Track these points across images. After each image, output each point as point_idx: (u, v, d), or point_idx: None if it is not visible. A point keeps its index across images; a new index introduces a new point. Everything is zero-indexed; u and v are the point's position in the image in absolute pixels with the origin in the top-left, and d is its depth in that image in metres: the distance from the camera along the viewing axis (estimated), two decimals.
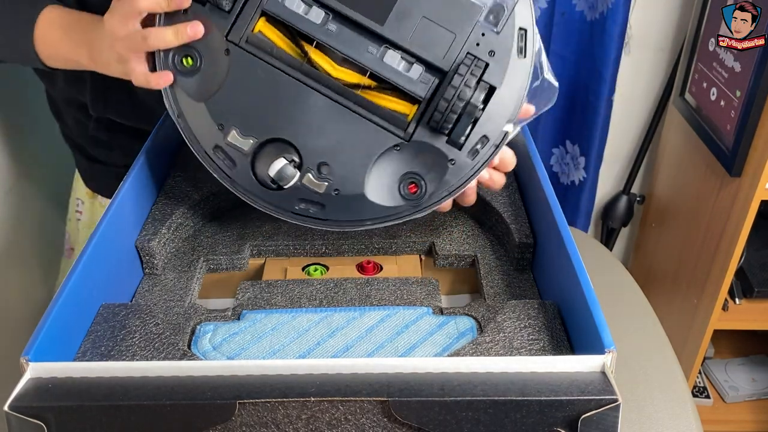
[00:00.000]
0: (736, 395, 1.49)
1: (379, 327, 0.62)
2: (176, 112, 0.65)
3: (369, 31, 0.61)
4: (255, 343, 0.60)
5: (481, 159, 0.63)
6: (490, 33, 0.60)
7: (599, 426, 0.46)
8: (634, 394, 0.74)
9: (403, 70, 0.61)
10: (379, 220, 0.65)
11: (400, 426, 0.47)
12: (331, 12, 0.61)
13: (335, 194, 0.63)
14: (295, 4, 0.62)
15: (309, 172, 0.63)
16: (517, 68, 0.61)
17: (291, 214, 0.65)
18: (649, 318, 0.89)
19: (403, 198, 0.64)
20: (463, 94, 0.58)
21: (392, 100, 0.63)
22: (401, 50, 0.61)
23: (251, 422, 0.47)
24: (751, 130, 1.07)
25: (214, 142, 0.64)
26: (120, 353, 0.56)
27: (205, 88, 0.63)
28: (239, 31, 0.62)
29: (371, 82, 0.63)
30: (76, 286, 0.55)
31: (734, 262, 1.17)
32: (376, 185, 0.64)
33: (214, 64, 0.63)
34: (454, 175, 0.63)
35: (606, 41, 1.26)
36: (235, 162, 0.64)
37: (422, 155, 0.63)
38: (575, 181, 1.48)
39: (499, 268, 0.71)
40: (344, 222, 0.65)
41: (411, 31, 0.60)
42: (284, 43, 0.63)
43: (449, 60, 0.60)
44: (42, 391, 0.46)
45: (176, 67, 0.64)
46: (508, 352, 0.56)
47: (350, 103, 0.62)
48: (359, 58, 0.61)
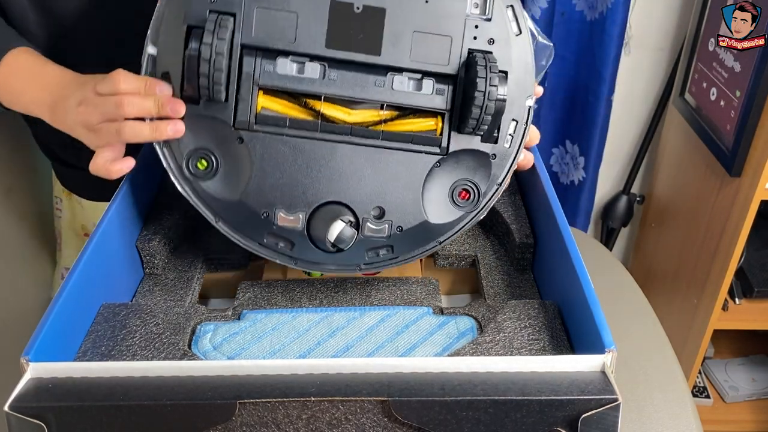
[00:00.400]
0: (736, 395, 1.49)
1: (379, 327, 0.62)
2: (215, 218, 0.62)
3: (369, 65, 0.60)
4: (255, 342, 0.60)
5: (517, 141, 0.63)
6: (482, 22, 0.60)
7: (599, 425, 0.46)
8: (634, 394, 0.74)
9: (415, 90, 0.61)
10: (447, 237, 0.64)
11: (400, 426, 0.47)
12: (326, 61, 0.60)
13: (400, 232, 0.62)
14: (287, 68, 0.60)
15: (367, 222, 0.62)
16: (518, 46, 0.61)
17: (362, 266, 0.64)
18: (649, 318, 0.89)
19: (460, 207, 0.63)
20: (491, 94, 0.57)
21: (416, 121, 0.62)
22: (406, 71, 0.60)
23: (251, 422, 0.47)
24: (751, 130, 1.07)
25: (264, 231, 0.61)
26: (120, 353, 0.56)
27: (233, 183, 0.61)
28: (245, 116, 0.60)
29: (390, 113, 0.62)
30: (76, 286, 0.55)
31: (734, 262, 1.17)
32: (433, 207, 0.63)
33: (233, 157, 0.61)
34: (498, 167, 0.63)
35: (606, 41, 1.26)
36: (293, 241, 0.62)
37: (464, 161, 0.63)
38: (575, 181, 1.47)
39: (499, 268, 0.71)
40: (417, 254, 0.64)
41: (408, 50, 0.60)
42: (293, 108, 0.61)
43: (454, 63, 0.60)
44: (42, 391, 0.46)
45: (193, 173, 0.61)
46: (508, 352, 0.56)
47: (378, 141, 0.61)
48: (369, 96, 0.60)
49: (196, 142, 0.61)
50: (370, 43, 0.59)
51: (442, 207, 0.63)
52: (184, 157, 0.61)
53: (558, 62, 1.36)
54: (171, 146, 0.61)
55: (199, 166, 0.61)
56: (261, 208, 0.61)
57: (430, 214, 0.63)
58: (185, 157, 0.61)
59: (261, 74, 0.59)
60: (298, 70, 0.60)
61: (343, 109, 0.61)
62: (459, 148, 0.62)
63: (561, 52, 1.35)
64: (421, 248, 0.64)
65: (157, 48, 0.59)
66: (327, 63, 0.60)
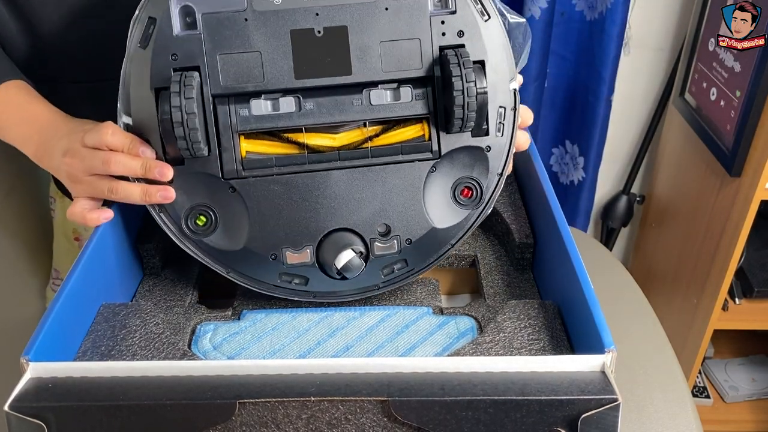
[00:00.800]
0: (736, 395, 1.49)
1: (379, 327, 0.62)
2: (225, 270, 0.62)
3: (343, 86, 0.59)
4: (255, 342, 0.60)
5: (509, 128, 0.62)
6: (447, 16, 0.59)
7: (599, 425, 0.46)
8: (633, 394, 0.74)
9: (394, 101, 0.60)
10: (458, 238, 0.64)
11: (400, 426, 0.47)
12: (299, 92, 0.59)
13: (410, 244, 0.62)
14: (262, 108, 0.59)
15: (375, 242, 0.61)
16: (489, 31, 0.60)
17: (380, 285, 0.63)
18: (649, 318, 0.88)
19: (465, 205, 0.63)
20: (470, 91, 0.56)
21: (402, 131, 0.61)
22: (381, 84, 0.59)
23: (251, 422, 0.47)
24: (751, 130, 1.07)
25: (276, 272, 0.61)
26: (120, 353, 0.56)
27: (236, 232, 0.61)
28: (231, 165, 0.59)
29: (375, 129, 0.61)
30: (76, 285, 0.56)
31: (734, 262, 1.17)
32: (438, 212, 0.62)
33: (229, 208, 0.60)
34: (495, 158, 0.62)
35: (605, 41, 1.26)
36: (306, 276, 0.62)
37: (459, 160, 0.62)
38: (574, 181, 1.47)
39: (499, 268, 0.71)
40: (432, 261, 0.64)
41: (379, 62, 0.58)
42: (277, 146, 0.61)
43: (427, 65, 0.59)
44: (42, 391, 0.46)
45: (194, 231, 0.61)
46: (508, 352, 0.56)
47: (368, 159, 0.60)
48: (350, 117, 0.60)
49: (190, 200, 0.60)
50: (338, 64, 0.58)
51: (446, 210, 0.63)
52: (182, 218, 0.61)
53: (558, 62, 1.36)
54: (167, 209, 0.61)
55: (199, 222, 0.61)
56: (268, 251, 0.61)
57: (436, 220, 0.62)
58: (183, 217, 0.61)
59: (238, 120, 0.59)
60: (273, 107, 0.59)
61: (326, 135, 0.60)
62: (451, 148, 0.61)
63: (561, 52, 1.35)
64: (434, 255, 0.63)
65: (131, 117, 0.59)
66: (301, 94, 0.59)
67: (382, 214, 0.61)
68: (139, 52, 0.57)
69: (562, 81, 1.39)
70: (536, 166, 0.71)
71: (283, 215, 0.60)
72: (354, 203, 0.60)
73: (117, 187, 0.60)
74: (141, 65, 0.57)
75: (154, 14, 0.57)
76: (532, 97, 1.32)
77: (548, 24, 1.26)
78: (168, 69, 0.57)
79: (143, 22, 0.57)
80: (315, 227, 0.61)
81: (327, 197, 0.60)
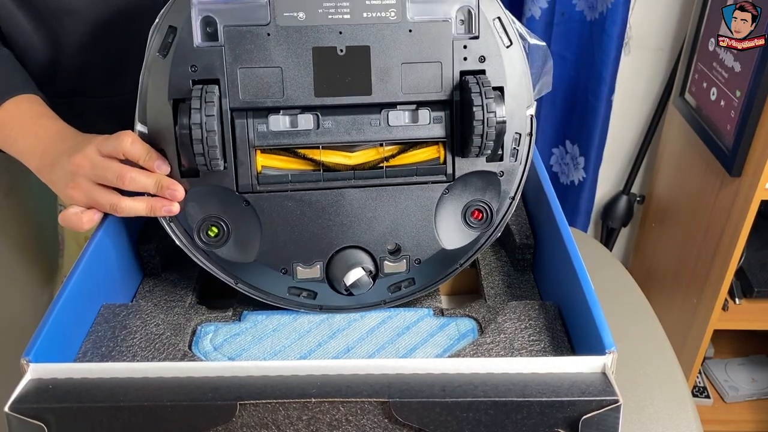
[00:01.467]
0: (736, 395, 1.49)
1: (380, 328, 0.62)
2: (234, 281, 0.62)
3: (361, 105, 0.59)
4: (256, 343, 0.60)
5: (524, 153, 0.62)
6: (470, 41, 0.59)
7: (600, 426, 0.46)
8: (633, 395, 0.74)
9: (412, 122, 0.60)
10: (466, 259, 0.64)
11: (400, 427, 0.47)
12: (318, 110, 0.59)
13: (418, 264, 0.62)
14: (280, 124, 0.59)
15: (385, 261, 0.61)
16: (510, 57, 0.60)
17: (386, 301, 0.64)
18: (649, 318, 0.88)
19: (474, 228, 0.63)
20: (490, 121, 0.56)
21: (418, 152, 0.61)
22: (400, 105, 0.59)
23: (252, 423, 0.47)
24: (751, 130, 1.06)
25: (285, 286, 0.62)
26: (120, 353, 0.56)
27: (247, 245, 0.61)
28: (246, 179, 0.59)
29: (391, 150, 0.61)
30: (76, 286, 0.55)
31: (734, 262, 1.17)
32: (448, 234, 0.62)
33: (242, 221, 0.60)
34: (508, 182, 0.62)
35: (606, 41, 1.26)
36: (315, 291, 0.62)
37: (472, 183, 0.62)
38: (575, 181, 1.47)
39: (499, 269, 0.71)
40: (438, 280, 0.64)
41: (399, 83, 0.58)
42: (292, 162, 0.60)
43: (447, 88, 0.59)
44: (42, 392, 0.46)
45: (206, 242, 0.61)
46: (508, 353, 0.56)
47: (382, 179, 0.60)
48: (367, 137, 0.59)
49: (203, 212, 0.60)
50: (359, 84, 0.58)
51: (456, 232, 0.63)
52: (194, 229, 0.61)
53: (558, 62, 1.36)
54: (178, 220, 0.61)
55: (210, 233, 0.61)
56: (278, 265, 0.61)
57: (446, 241, 0.62)
58: (195, 228, 0.61)
59: (255, 136, 0.58)
60: (291, 123, 0.59)
61: (342, 153, 0.60)
62: (465, 172, 0.61)
63: (561, 52, 1.35)
64: (442, 274, 0.64)
65: (147, 126, 0.59)
66: (319, 112, 0.59)
67: (393, 233, 0.61)
68: (158, 61, 0.57)
69: (563, 81, 1.39)
70: (536, 166, 0.71)
71: (295, 231, 0.60)
72: (366, 222, 0.60)
73: (121, 206, 0.59)
74: (159, 74, 0.57)
75: (175, 23, 0.56)
76: None
77: (548, 24, 1.26)
78: (187, 80, 0.56)
79: (163, 31, 0.57)
80: (326, 244, 0.61)
81: (340, 215, 0.60)
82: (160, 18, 0.57)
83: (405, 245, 0.61)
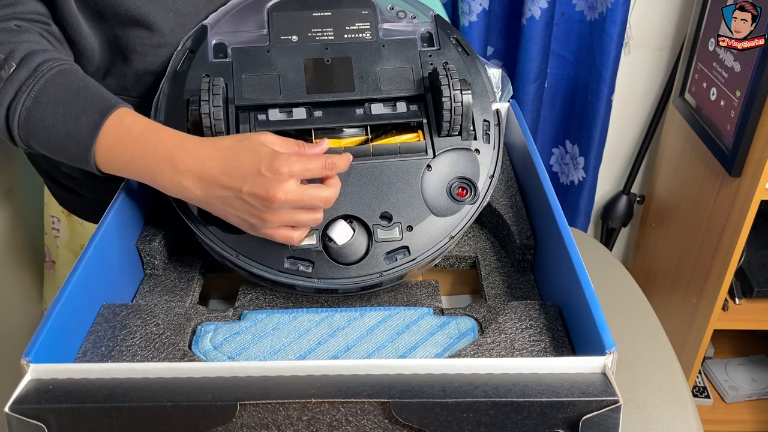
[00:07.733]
0: (736, 395, 1.49)
1: (380, 327, 0.62)
2: (235, 253, 0.64)
3: (347, 101, 0.69)
4: (256, 343, 0.60)
5: (495, 137, 0.71)
6: (434, 52, 0.72)
7: (600, 427, 0.46)
8: (634, 395, 0.74)
9: (392, 111, 0.69)
10: (457, 231, 0.67)
11: (401, 427, 0.47)
12: (310, 105, 0.68)
13: (410, 231, 0.65)
14: (278, 115, 0.68)
15: (378, 228, 0.65)
16: (470, 65, 0.72)
17: (383, 273, 0.64)
18: (649, 318, 0.88)
19: (461, 203, 0.67)
20: (456, 97, 0.66)
21: (400, 137, 0.69)
22: (380, 100, 0.69)
23: (252, 423, 0.47)
24: (751, 130, 1.06)
25: (283, 256, 0.64)
26: (120, 353, 0.56)
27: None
28: None
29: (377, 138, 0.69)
30: (76, 286, 0.55)
31: (734, 262, 1.17)
32: (435, 203, 0.67)
33: None
34: (485, 164, 0.69)
35: (605, 41, 1.26)
36: (312, 260, 0.64)
37: (452, 160, 0.68)
38: (575, 181, 1.47)
39: (499, 270, 0.71)
40: (432, 252, 0.66)
41: (378, 83, 0.70)
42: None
43: (419, 85, 0.70)
44: (42, 393, 0.46)
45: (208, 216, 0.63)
46: (509, 353, 0.56)
47: (369, 157, 0.67)
48: (353, 122, 0.68)
49: None
50: (344, 83, 0.70)
51: (443, 203, 0.67)
52: None
53: (558, 62, 1.36)
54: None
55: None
56: None
57: (435, 210, 0.66)
58: None
59: (256, 123, 0.67)
60: (287, 115, 0.68)
61: (333, 140, 0.68)
62: (443, 148, 0.68)
63: (561, 52, 1.35)
64: (434, 246, 0.66)
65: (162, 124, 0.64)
66: (311, 105, 0.69)
67: (384, 203, 0.66)
68: (177, 73, 0.69)
69: (562, 81, 1.39)
70: (536, 167, 0.71)
71: None
72: (357, 194, 0.66)
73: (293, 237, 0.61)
74: (178, 83, 0.69)
75: (194, 48, 0.71)
76: (532, 97, 1.32)
77: (548, 24, 1.25)
78: (199, 84, 0.66)
79: (184, 53, 0.71)
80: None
81: None
82: (182, 44, 0.71)
83: (396, 213, 0.66)
